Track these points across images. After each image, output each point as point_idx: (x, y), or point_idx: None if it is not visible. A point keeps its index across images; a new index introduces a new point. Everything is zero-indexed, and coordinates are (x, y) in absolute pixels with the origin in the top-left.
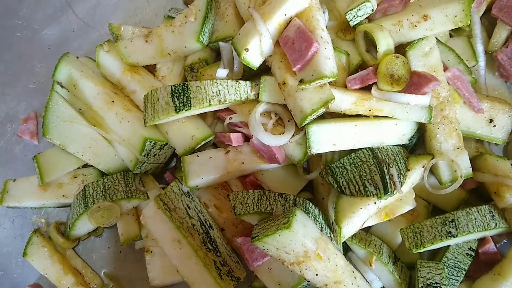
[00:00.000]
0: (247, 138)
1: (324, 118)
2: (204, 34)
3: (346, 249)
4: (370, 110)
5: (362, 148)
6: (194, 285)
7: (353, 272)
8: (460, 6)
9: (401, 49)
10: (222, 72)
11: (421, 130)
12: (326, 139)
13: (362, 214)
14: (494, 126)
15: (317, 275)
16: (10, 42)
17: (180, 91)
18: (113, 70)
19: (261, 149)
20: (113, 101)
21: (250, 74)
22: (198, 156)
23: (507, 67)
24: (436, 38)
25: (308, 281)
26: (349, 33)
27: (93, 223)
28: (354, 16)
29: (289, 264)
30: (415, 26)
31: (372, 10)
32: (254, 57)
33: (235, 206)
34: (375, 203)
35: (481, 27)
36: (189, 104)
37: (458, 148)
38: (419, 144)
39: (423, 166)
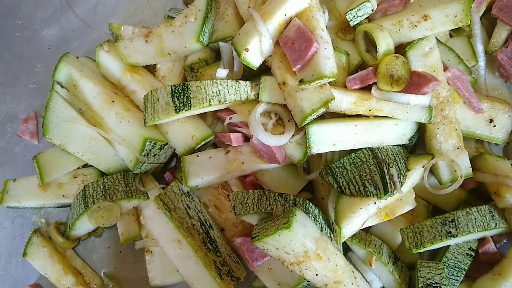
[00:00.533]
0: (247, 138)
1: (324, 118)
2: (204, 34)
3: (346, 249)
4: (370, 110)
5: (362, 148)
6: (194, 285)
7: (353, 272)
8: (460, 6)
9: (401, 49)
10: (222, 72)
11: (421, 130)
12: (326, 139)
13: (362, 214)
14: (494, 126)
15: (317, 275)
16: (10, 42)
17: (180, 91)
18: (113, 70)
19: (261, 149)
20: (113, 101)
21: (250, 74)
22: (198, 156)
23: (507, 67)
24: (436, 38)
25: (308, 281)
26: (349, 33)
27: (93, 223)
28: (354, 16)
29: (289, 264)
30: (415, 26)
31: (372, 10)
32: (254, 57)
33: (235, 206)
34: (375, 203)
35: (481, 27)
36: (189, 104)
37: (458, 148)
38: (419, 144)
39: (423, 166)
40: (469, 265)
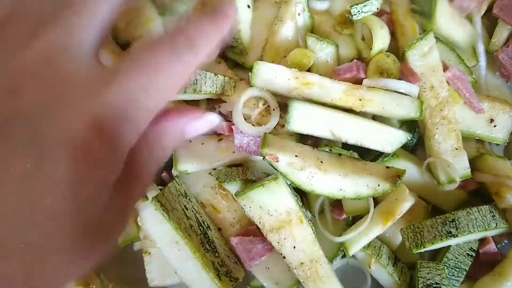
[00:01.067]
0: None
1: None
2: None
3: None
4: (360, 100)
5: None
6: (192, 286)
7: None
8: None
9: (399, 49)
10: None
11: (421, 130)
12: (307, 120)
13: None
14: (495, 126)
15: (294, 247)
16: None
17: None
18: None
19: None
20: None
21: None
22: (190, 141)
23: (508, 66)
24: (437, 38)
25: (284, 257)
26: (346, 28)
27: None
28: (358, 11)
29: (269, 231)
30: None
31: (377, 8)
32: None
33: (218, 177)
34: None
35: (482, 27)
36: None
37: (457, 149)
38: (419, 144)
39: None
40: (469, 265)
